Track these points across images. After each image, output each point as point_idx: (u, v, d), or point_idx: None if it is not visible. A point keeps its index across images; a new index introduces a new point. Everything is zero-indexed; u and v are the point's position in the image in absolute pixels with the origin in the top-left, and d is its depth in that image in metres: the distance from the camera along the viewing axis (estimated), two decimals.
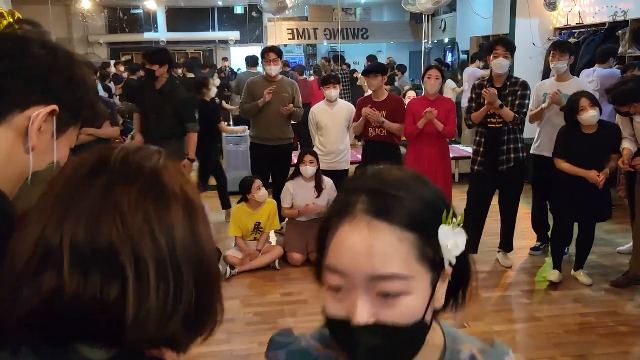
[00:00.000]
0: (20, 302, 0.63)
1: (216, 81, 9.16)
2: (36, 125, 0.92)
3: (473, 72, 8.95)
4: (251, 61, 8.39)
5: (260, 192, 4.56)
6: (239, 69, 12.88)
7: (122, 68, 12.59)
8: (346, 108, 5.22)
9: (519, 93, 4.18)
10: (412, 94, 7.40)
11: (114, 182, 0.67)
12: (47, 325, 0.64)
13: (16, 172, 0.96)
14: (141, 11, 16.54)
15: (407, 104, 5.00)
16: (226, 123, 7.42)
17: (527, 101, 4.21)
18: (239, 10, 16.74)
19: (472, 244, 3.31)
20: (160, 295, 0.65)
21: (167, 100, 4.63)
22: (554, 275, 4.20)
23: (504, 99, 4.18)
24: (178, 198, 0.69)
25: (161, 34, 16.80)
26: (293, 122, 5.34)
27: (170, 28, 16.88)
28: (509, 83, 4.24)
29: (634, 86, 4.01)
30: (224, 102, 8.45)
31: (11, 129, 0.92)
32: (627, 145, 4.08)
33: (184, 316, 0.67)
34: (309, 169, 4.65)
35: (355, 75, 10.25)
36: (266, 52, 5.10)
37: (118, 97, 10.01)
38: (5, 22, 6.73)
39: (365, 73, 4.91)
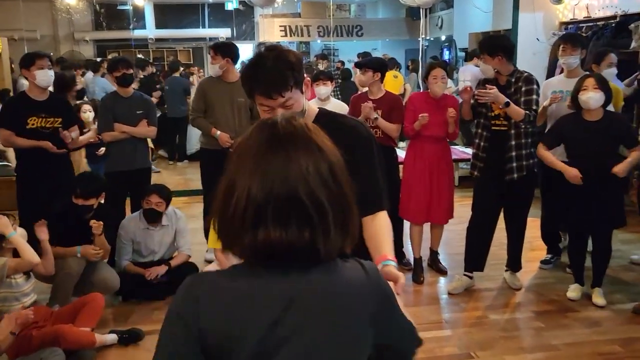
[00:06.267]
0: (242, 245, 0.98)
1: None
2: None
3: (469, 70, 8.56)
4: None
5: None
6: None
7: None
8: (339, 107, 4.75)
9: (523, 89, 3.70)
10: (408, 87, 7.06)
11: (293, 148, 0.98)
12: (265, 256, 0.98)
13: None
14: (129, 7, 16.07)
15: (405, 99, 4.57)
16: None
17: (534, 96, 3.70)
18: (230, 6, 16.26)
19: (478, 262, 2.66)
20: (338, 226, 0.99)
21: None
22: (573, 291, 3.80)
23: (509, 98, 3.72)
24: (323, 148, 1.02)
25: (149, 31, 16.31)
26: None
27: (159, 25, 16.40)
28: (513, 79, 3.76)
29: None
30: None
31: None
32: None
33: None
34: None
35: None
36: (210, 49, 4.48)
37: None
38: None
39: (356, 66, 4.46)
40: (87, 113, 5.55)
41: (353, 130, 1.80)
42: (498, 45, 3.79)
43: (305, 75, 1.79)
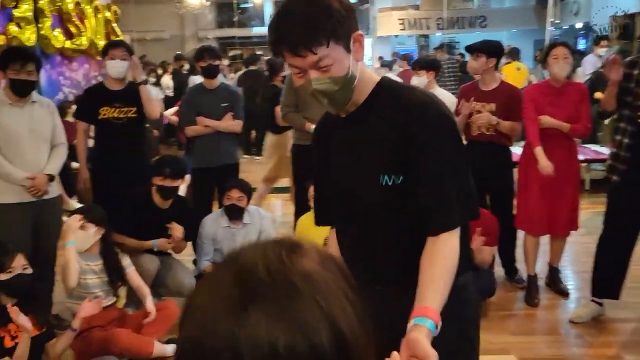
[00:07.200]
0: None
1: None
2: None
3: (589, 62, 7.54)
4: None
5: None
6: None
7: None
8: (446, 99, 4.19)
9: None
10: (533, 79, 6.24)
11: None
12: None
13: None
14: (250, 5, 16.44)
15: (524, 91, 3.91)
16: None
17: None
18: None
19: (611, 288, 3.42)
20: None
21: None
22: None
23: None
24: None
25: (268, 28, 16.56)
26: None
27: None
28: None
29: None
30: None
31: None
32: None
33: None
34: None
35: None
36: None
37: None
38: (100, 16, 6.29)
39: (467, 50, 3.89)
40: None
41: (419, 108, 1.31)
42: None
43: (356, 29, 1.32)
